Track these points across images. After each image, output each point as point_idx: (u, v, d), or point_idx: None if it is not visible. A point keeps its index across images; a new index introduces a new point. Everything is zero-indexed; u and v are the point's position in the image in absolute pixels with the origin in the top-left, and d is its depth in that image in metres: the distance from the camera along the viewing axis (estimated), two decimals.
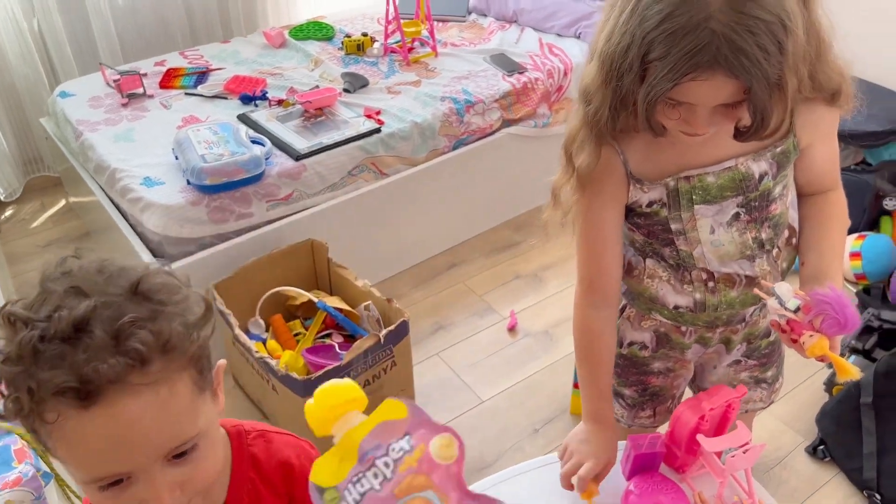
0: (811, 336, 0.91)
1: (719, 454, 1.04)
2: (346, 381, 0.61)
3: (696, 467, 1.09)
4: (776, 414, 1.80)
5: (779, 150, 0.97)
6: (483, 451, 1.77)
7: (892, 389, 1.60)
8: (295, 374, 1.56)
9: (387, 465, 0.57)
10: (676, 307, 1.07)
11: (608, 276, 1.05)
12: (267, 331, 1.89)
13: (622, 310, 1.16)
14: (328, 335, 1.88)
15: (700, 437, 1.03)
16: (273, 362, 1.60)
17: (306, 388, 1.55)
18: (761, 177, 0.97)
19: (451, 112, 2.24)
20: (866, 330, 1.81)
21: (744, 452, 1.02)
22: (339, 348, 1.80)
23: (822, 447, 1.68)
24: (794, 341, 0.93)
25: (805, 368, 1.92)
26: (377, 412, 0.60)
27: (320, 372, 1.56)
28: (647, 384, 1.22)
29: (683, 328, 1.12)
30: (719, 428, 1.09)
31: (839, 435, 1.64)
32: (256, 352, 1.65)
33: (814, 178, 1.05)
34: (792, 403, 1.83)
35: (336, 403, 0.60)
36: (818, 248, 1.04)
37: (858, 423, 1.62)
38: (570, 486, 1.03)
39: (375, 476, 0.56)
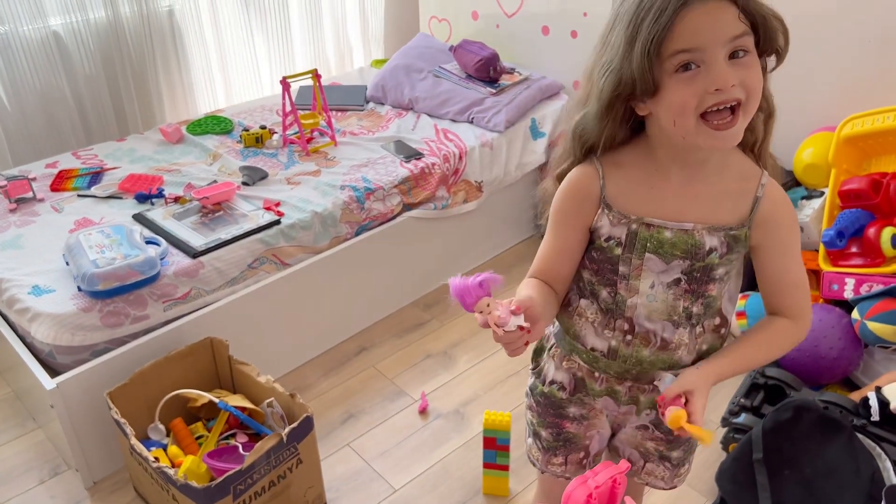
0: (675, 409, 1.02)
1: None
2: None
3: None
4: None
5: (732, 232, 1.04)
6: None
7: (780, 444, 1.68)
8: (194, 483, 1.50)
9: None
10: (593, 349, 1.13)
11: (553, 276, 1.12)
12: (168, 436, 1.83)
13: (550, 348, 1.22)
14: (233, 435, 1.83)
15: None
16: (171, 471, 1.54)
17: (207, 497, 1.51)
18: (710, 250, 1.04)
19: (352, 200, 2.29)
20: (753, 387, 1.91)
21: None
22: (244, 448, 1.75)
23: None
24: (663, 413, 1.03)
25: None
26: None
27: (221, 478, 1.52)
28: (562, 428, 1.25)
29: (597, 374, 1.17)
30: None
31: (737, 493, 1.71)
32: (154, 461, 1.58)
33: (768, 293, 1.10)
34: (694, 464, 1.89)
35: None
36: (732, 344, 1.11)
37: (753, 479, 1.69)
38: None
39: None
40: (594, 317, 1.12)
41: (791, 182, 2.42)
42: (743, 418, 1.83)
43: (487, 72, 2.79)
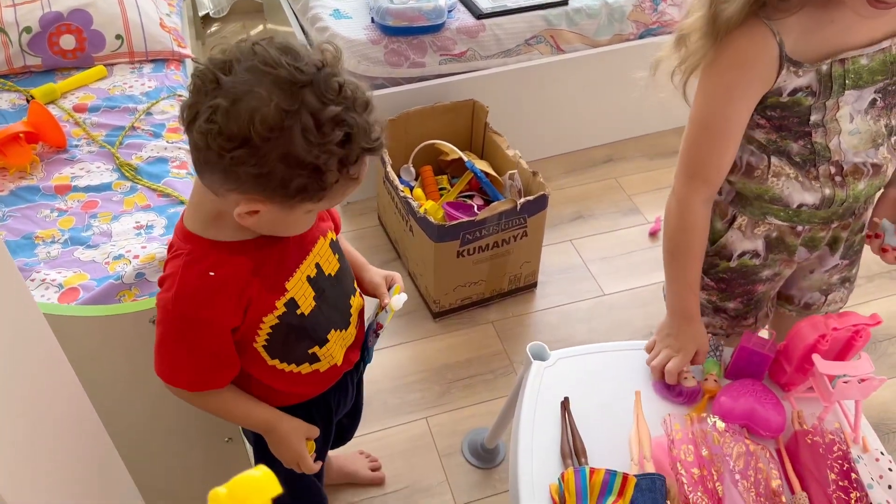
0: None
1: (831, 379, 1.00)
2: (264, 471, 0.51)
3: (802, 388, 1.06)
4: None
5: None
6: (591, 339, 1.79)
7: None
8: (431, 218, 1.63)
9: None
10: (801, 205, 1.03)
11: (719, 170, 1.02)
12: (416, 179, 1.98)
13: (731, 220, 1.10)
14: (470, 196, 1.94)
15: (815, 357, 0.99)
16: (415, 204, 1.68)
17: (440, 234, 1.63)
18: None
19: None
20: None
21: (859, 382, 0.97)
22: (478, 209, 1.85)
23: None
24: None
25: None
26: None
27: (455, 222, 1.63)
28: (754, 293, 1.18)
29: (799, 228, 1.07)
30: (839, 355, 1.04)
31: None
32: (402, 191, 1.73)
33: None
34: None
35: (249, 497, 0.50)
36: None
37: None
38: (662, 377, 1.05)
39: None
40: (794, 172, 1.01)
41: None
42: None
43: None
